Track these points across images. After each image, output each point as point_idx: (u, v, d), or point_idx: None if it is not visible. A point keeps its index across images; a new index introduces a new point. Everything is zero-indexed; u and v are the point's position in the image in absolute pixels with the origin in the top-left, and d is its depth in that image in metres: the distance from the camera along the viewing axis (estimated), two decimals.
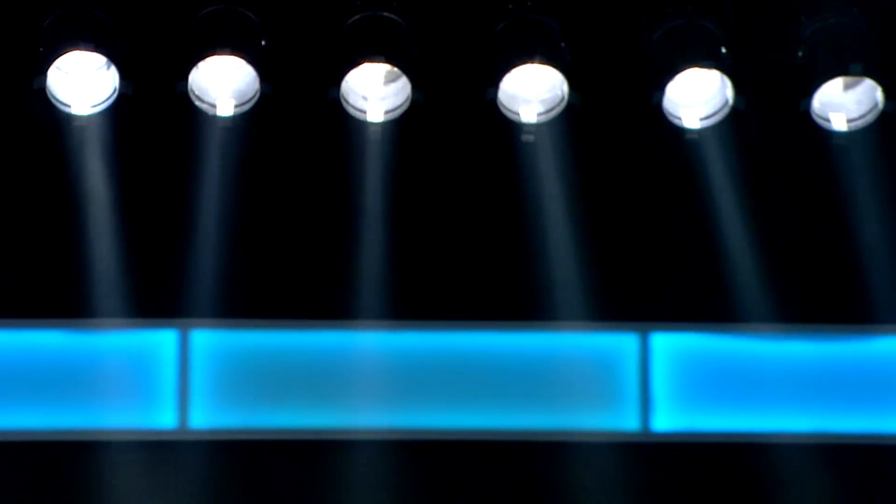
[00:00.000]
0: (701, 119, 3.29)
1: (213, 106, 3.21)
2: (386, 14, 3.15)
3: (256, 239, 3.45)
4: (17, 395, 3.45)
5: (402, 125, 3.29)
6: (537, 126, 3.29)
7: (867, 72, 3.17)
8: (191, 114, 3.23)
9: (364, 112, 3.25)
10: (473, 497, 3.48)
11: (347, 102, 3.22)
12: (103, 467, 3.46)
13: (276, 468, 3.50)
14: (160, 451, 3.47)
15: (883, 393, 3.53)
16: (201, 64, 3.13)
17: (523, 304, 3.54)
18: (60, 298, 3.41)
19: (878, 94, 3.21)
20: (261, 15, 3.13)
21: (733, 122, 3.28)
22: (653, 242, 3.55)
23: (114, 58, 3.09)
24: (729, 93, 3.23)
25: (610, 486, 3.46)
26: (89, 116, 3.20)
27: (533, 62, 3.17)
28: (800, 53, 3.22)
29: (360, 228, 3.40)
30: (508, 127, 3.31)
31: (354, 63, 3.14)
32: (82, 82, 3.18)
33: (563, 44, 3.19)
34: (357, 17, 3.15)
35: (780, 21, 3.28)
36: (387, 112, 3.25)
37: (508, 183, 3.44)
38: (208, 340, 3.50)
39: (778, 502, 3.50)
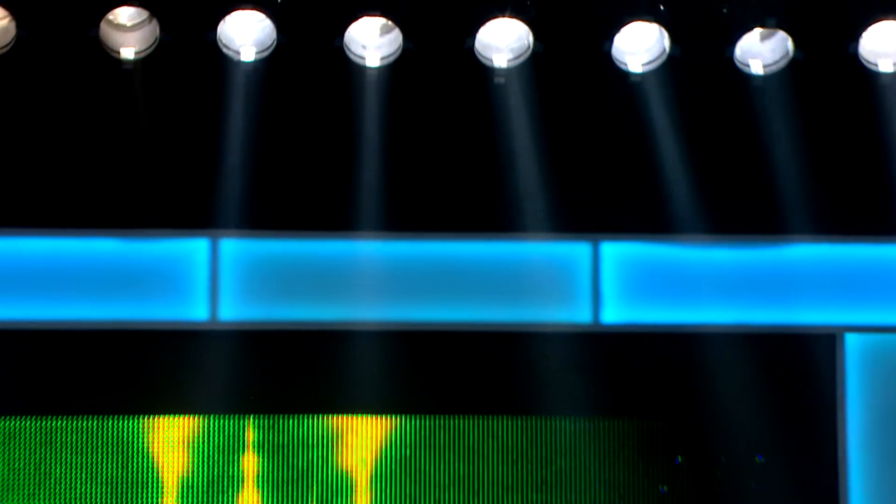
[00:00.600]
0: (643, 64, 3.86)
1: (238, 52, 3.77)
2: None
3: (275, 163, 3.92)
4: (75, 292, 3.96)
5: (395, 68, 3.80)
6: (507, 70, 3.81)
7: (780, 24, 3.74)
8: (219, 59, 3.75)
9: (363, 58, 3.77)
10: (451, 375, 4.04)
11: (350, 50, 3.73)
12: (147, 352, 4.04)
13: (291, 353, 4.03)
14: (194, 339, 4.00)
15: (791, 290, 4.11)
16: (228, 17, 3.69)
17: (497, 218, 4.03)
18: (114, 211, 3.93)
19: (789, 44, 3.79)
20: None
21: (669, 66, 3.83)
22: (604, 167, 4.02)
23: (155, 12, 3.62)
24: (666, 42, 3.79)
25: (566, 367, 4.03)
26: (135, 60, 3.76)
27: (504, 16, 3.71)
28: (724, 10, 3.78)
29: (361, 155, 3.91)
30: (483, 70, 3.82)
31: (355, 16, 3.68)
32: (130, 32, 3.75)
33: (528, 1, 3.74)
34: None
35: None
36: (382, 58, 3.77)
37: (483, 116, 3.93)
38: (234, 248, 3.99)
39: (705, 381, 4.08)
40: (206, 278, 4.02)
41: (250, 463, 4.00)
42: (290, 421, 4.03)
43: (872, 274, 4.14)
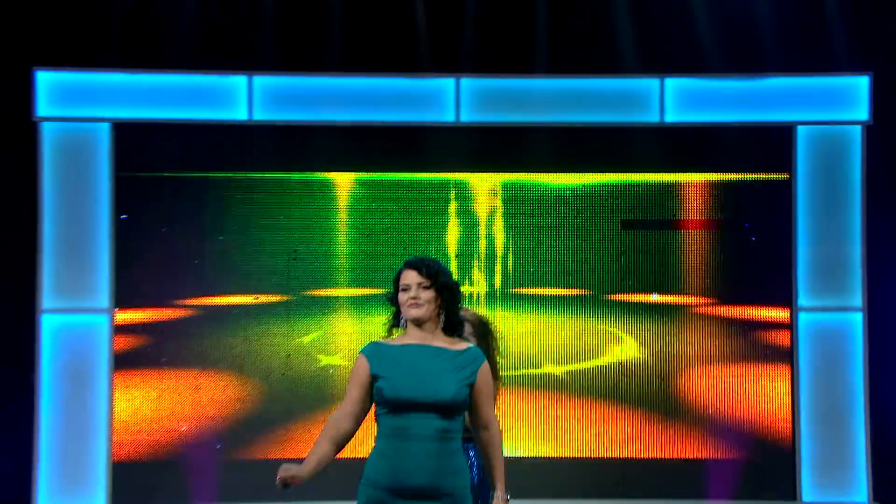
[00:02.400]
0: None
1: None
2: None
3: (505, 28, 7.45)
4: (378, 106, 7.23)
5: None
6: None
7: None
8: None
9: None
10: (583, 151, 7.43)
11: None
12: (415, 139, 7.44)
13: (498, 142, 7.56)
14: (442, 132, 7.33)
15: (769, 103, 7.40)
16: None
17: (607, 65, 7.32)
18: (394, 59, 7.22)
19: None
20: None
21: None
22: (669, 33, 7.29)
23: None
24: None
25: (647, 147, 7.47)
26: None
27: None
28: None
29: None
30: None
31: None
32: None
33: None
34: None
35: None
36: None
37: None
38: (470, 83, 7.26)
39: (719, 147, 7.43)
40: (453, 101, 7.36)
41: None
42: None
43: (815, 94, 7.38)
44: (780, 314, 7.41)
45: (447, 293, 3.49)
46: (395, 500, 3.47)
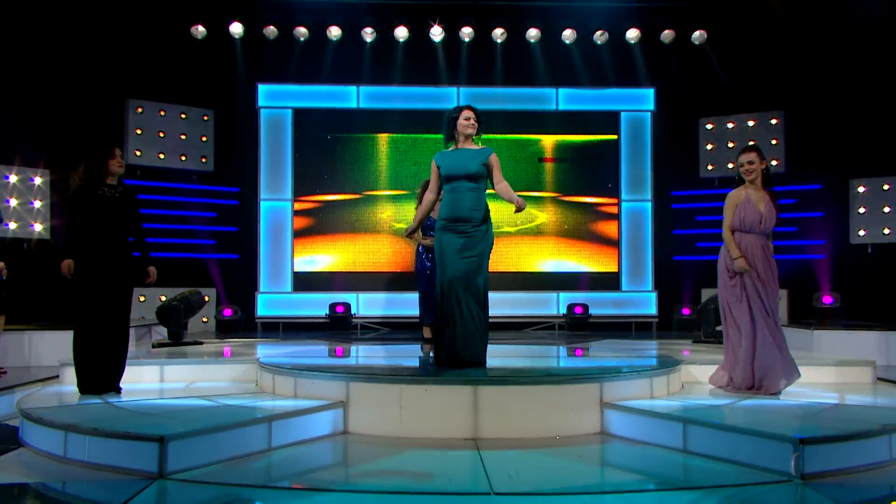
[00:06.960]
0: None
1: None
2: None
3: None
4: (409, 101, 15.30)
5: None
6: None
7: None
8: None
9: None
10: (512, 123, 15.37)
11: None
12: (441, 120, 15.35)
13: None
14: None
15: (609, 101, 15.34)
16: None
17: (521, 80, 15.31)
18: (415, 76, 15.27)
19: None
20: None
21: None
22: (566, 63, 15.28)
23: None
24: None
25: (551, 120, 15.40)
26: None
27: None
28: None
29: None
30: None
31: None
32: None
33: None
34: None
35: None
36: None
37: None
38: (467, 91, 15.32)
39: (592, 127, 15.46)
40: (455, 98, 15.02)
41: None
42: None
43: (630, 97, 15.15)
44: (614, 203, 15.43)
45: (481, 124, 6.76)
46: (451, 223, 6.44)
